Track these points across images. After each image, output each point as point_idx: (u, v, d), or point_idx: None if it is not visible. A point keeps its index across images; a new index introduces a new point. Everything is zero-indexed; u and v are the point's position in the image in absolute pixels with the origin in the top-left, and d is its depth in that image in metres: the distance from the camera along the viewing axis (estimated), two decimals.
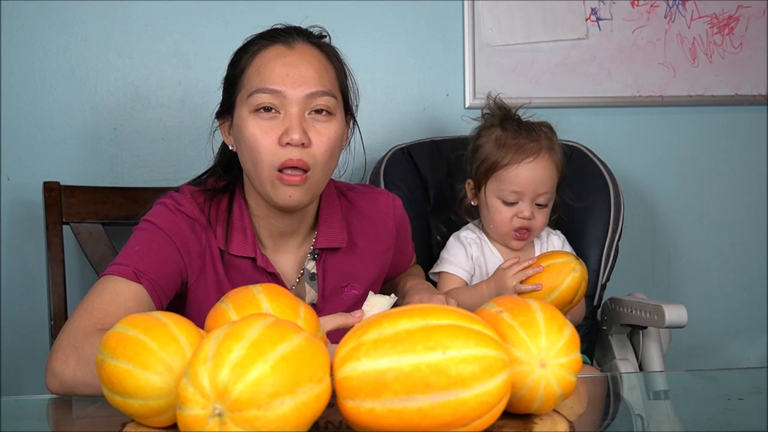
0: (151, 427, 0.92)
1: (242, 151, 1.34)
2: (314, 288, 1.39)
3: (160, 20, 2.00)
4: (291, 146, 1.28)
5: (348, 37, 2.09)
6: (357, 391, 0.80)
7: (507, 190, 1.71)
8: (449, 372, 0.78)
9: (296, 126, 1.28)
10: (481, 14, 2.11)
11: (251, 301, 0.99)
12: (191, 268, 1.33)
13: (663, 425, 1.09)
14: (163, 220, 1.33)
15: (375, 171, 1.92)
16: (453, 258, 1.77)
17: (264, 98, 1.29)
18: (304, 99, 1.30)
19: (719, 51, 2.22)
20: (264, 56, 1.33)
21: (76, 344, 1.16)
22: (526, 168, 1.69)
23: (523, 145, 1.71)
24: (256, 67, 1.33)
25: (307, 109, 1.30)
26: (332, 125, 1.32)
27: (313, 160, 1.29)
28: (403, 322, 0.81)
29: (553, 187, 1.73)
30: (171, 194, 1.37)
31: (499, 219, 1.73)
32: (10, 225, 1.96)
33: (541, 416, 0.93)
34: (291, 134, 1.27)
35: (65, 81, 1.97)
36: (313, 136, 1.29)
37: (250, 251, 1.36)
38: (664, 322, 1.66)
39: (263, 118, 1.30)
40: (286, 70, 1.31)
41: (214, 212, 1.37)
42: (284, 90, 1.29)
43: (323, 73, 1.34)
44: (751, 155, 2.28)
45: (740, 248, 2.30)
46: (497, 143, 1.73)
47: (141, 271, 1.25)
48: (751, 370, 1.71)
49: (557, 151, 1.75)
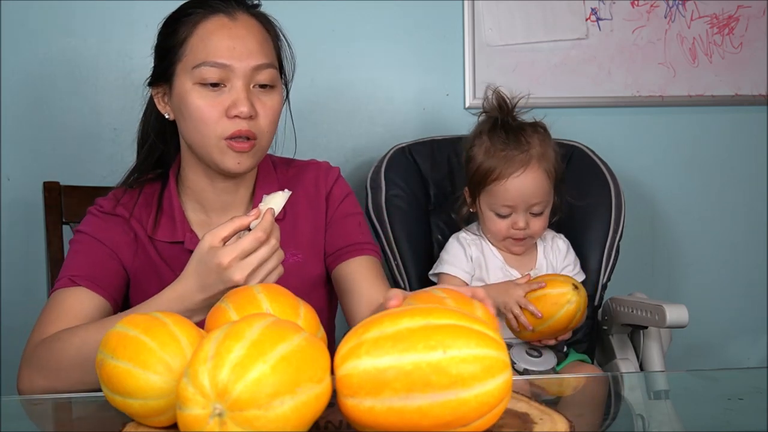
0: (151, 427, 0.92)
1: (185, 122, 1.34)
2: None
3: (160, 20, 2.00)
4: (239, 119, 1.30)
5: (348, 37, 2.10)
6: (357, 389, 0.80)
7: (498, 204, 1.71)
8: (450, 371, 0.78)
9: (244, 99, 1.30)
10: (481, 14, 2.11)
11: (251, 301, 0.99)
12: (125, 260, 1.39)
13: (663, 425, 1.09)
14: (87, 225, 1.40)
15: (375, 170, 1.92)
16: (452, 259, 1.77)
17: (211, 72, 1.31)
18: (250, 71, 1.32)
19: (719, 51, 2.23)
20: (206, 27, 1.34)
21: (31, 361, 1.24)
22: (515, 182, 1.68)
23: (512, 157, 1.69)
24: (199, 38, 1.33)
25: (252, 82, 1.33)
26: (275, 96, 1.36)
27: (260, 131, 1.33)
28: (404, 321, 0.81)
29: (546, 194, 1.72)
30: (98, 201, 1.44)
31: (495, 229, 1.74)
32: (10, 225, 1.96)
33: (542, 416, 0.93)
34: (239, 107, 1.29)
35: (65, 81, 1.97)
36: (259, 108, 1.32)
37: (178, 236, 1.39)
38: (665, 322, 1.66)
39: (209, 90, 1.31)
40: (233, 43, 1.32)
41: (144, 203, 1.42)
42: (231, 63, 1.31)
43: (265, 44, 1.36)
44: (751, 155, 2.29)
45: (740, 248, 2.30)
46: (487, 154, 1.71)
47: (76, 276, 1.32)
48: (751, 370, 1.71)
49: (549, 156, 1.72)
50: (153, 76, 1.41)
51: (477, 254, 1.77)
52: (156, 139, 1.45)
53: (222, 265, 1.11)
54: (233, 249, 1.11)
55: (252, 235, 1.12)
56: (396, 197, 1.89)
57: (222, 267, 1.11)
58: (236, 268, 1.11)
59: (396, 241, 1.85)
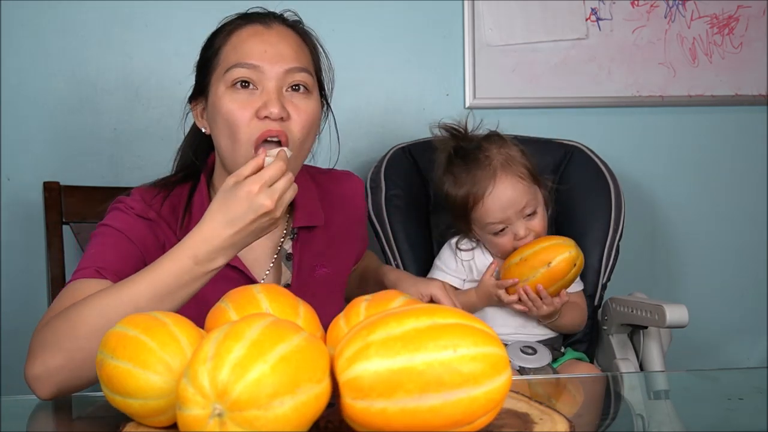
0: (151, 427, 0.92)
1: (218, 128, 1.32)
2: (289, 268, 1.40)
3: (160, 20, 2.01)
4: (269, 119, 1.27)
5: (348, 36, 2.10)
6: (368, 391, 0.79)
7: (488, 224, 1.70)
8: (462, 370, 0.78)
9: (275, 99, 1.27)
10: (481, 14, 2.11)
11: (251, 301, 0.99)
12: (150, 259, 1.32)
13: (663, 425, 1.09)
14: (115, 220, 1.33)
15: (376, 170, 1.92)
16: (443, 265, 1.79)
17: (241, 72, 1.29)
18: (282, 74, 1.29)
19: (719, 51, 2.22)
20: (240, 35, 1.33)
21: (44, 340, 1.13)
22: (492, 199, 1.68)
23: (478, 178, 1.68)
24: (232, 45, 1.32)
25: (284, 85, 1.30)
26: (310, 101, 1.32)
27: (291, 134, 1.28)
28: (410, 322, 0.81)
29: (529, 194, 1.70)
30: (121, 198, 1.37)
31: (501, 249, 1.74)
32: (10, 225, 1.96)
33: (542, 416, 0.93)
34: (270, 107, 1.26)
35: (65, 81, 1.97)
36: (291, 111, 1.29)
37: None
38: (665, 322, 1.66)
39: (241, 93, 1.29)
40: (264, 47, 1.30)
41: (170, 206, 1.37)
42: (262, 65, 1.29)
43: (299, 51, 1.34)
44: (751, 155, 2.28)
45: (740, 248, 2.30)
46: (456, 186, 1.72)
47: (103, 268, 1.25)
48: (751, 370, 1.71)
49: (514, 158, 1.71)
50: (192, 92, 1.40)
51: (468, 257, 1.78)
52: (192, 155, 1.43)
53: (252, 191, 1.10)
54: (260, 177, 1.11)
55: (275, 164, 1.12)
56: (396, 197, 1.89)
57: (252, 194, 1.10)
58: (266, 194, 1.10)
59: (396, 240, 1.85)
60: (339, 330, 0.97)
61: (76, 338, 1.10)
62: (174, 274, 1.11)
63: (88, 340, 1.08)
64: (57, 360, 1.10)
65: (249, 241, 1.14)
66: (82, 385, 1.12)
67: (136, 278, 1.12)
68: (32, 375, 1.11)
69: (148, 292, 1.10)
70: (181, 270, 1.11)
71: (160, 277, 1.11)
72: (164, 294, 1.11)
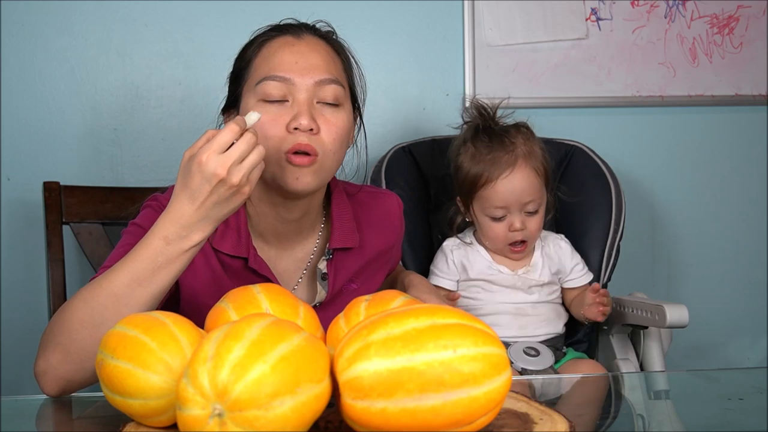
0: (151, 427, 0.92)
1: None
2: (324, 288, 1.39)
3: (160, 20, 2.01)
4: (299, 132, 1.26)
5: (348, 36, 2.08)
6: (369, 391, 0.79)
7: (491, 206, 1.71)
8: (462, 370, 0.79)
9: (305, 111, 1.26)
10: (481, 14, 2.11)
11: (251, 301, 0.99)
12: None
13: (664, 425, 1.09)
14: (147, 221, 1.30)
15: (376, 170, 1.92)
16: (436, 269, 1.81)
17: (272, 86, 1.28)
18: (313, 86, 1.29)
19: (719, 51, 2.22)
20: (271, 46, 1.32)
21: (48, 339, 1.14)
22: (504, 183, 1.69)
23: (498, 159, 1.70)
24: (263, 57, 1.32)
25: (315, 97, 1.29)
26: (341, 114, 1.31)
27: (322, 147, 1.27)
28: (410, 322, 0.81)
29: (538, 192, 1.72)
30: (155, 196, 1.36)
31: (492, 235, 1.74)
32: (10, 225, 1.96)
33: (542, 416, 0.93)
34: (300, 120, 1.25)
35: (65, 81, 1.97)
36: (322, 123, 1.28)
37: (242, 251, 1.34)
38: (665, 322, 1.66)
39: (271, 107, 1.28)
40: (295, 58, 1.30)
41: None
42: (292, 77, 1.28)
43: (330, 62, 1.33)
44: (751, 155, 2.29)
45: (740, 248, 2.30)
46: (473, 161, 1.73)
47: None
48: (751, 370, 1.71)
49: (536, 153, 1.73)
50: (225, 104, 1.39)
51: (460, 258, 1.79)
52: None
53: (201, 161, 1.07)
54: (208, 145, 1.08)
55: (226, 127, 1.09)
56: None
57: (201, 163, 1.07)
58: (216, 161, 1.07)
59: None
60: (339, 330, 0.97)
61: (68, 331, 1.12)
62: (148, 258, 1.11)
63: (78, 331, 1.11)
64: (56, 355, 1.12)
65: (219, 214, 1.11)
66: (87, 378, 1.12)
67: (116, 267, 1.13)
68: (38, 372, 1.14)
69: (125, 278, 1.11)
70: (154, 252, 1.11)
71: (136, 262, 1.11)
72: (141, 278, 1.11)
